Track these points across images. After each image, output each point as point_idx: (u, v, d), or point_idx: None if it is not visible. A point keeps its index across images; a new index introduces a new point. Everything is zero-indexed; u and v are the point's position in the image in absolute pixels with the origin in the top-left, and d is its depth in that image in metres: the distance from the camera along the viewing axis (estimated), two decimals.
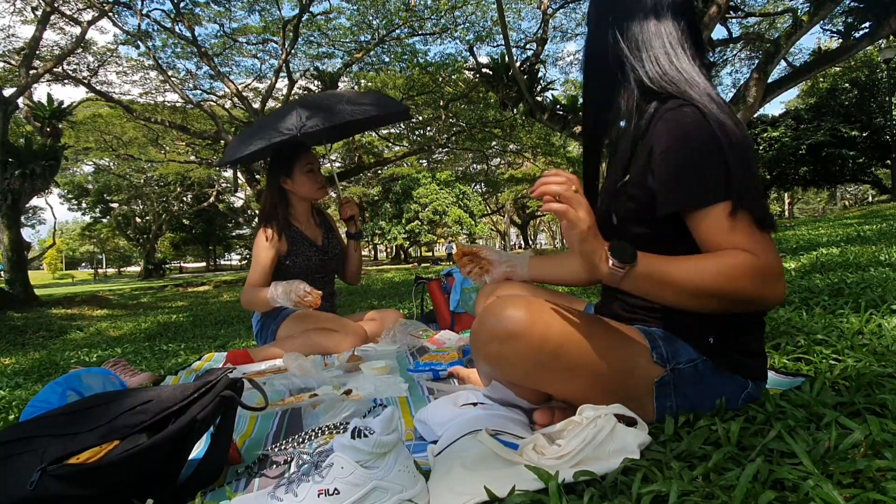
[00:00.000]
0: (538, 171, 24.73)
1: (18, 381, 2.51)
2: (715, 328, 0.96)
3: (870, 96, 15.67)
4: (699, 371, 0.96)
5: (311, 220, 2.42)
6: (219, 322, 4.99)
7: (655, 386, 0.95)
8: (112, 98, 13.31)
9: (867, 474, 0.69)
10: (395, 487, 0.80)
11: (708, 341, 0.97)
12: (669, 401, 0.96)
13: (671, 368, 0.95)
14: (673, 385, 0.96)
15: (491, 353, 0.96)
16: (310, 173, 2.30)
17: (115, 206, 29.08)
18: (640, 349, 0.96)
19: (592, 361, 0.93)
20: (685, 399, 0.96)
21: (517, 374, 0.98)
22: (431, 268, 14.70)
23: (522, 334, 0.91)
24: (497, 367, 1.00)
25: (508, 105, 8.99)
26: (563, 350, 0.92)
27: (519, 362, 0.94)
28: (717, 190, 0.85)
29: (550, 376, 0.95)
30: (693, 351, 0.97)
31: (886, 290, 1.82)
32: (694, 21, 0.99)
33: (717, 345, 0.97)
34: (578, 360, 0.93)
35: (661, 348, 0.97)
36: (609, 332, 0.98)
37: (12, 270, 8.90)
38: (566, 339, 0.92)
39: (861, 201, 31.29)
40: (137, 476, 0.88)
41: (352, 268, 2.53)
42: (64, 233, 50.14)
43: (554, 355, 0.92)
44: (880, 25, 6.84)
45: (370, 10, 12.59)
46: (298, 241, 2.33)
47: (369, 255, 43.67)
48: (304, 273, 2.32)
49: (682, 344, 0.98)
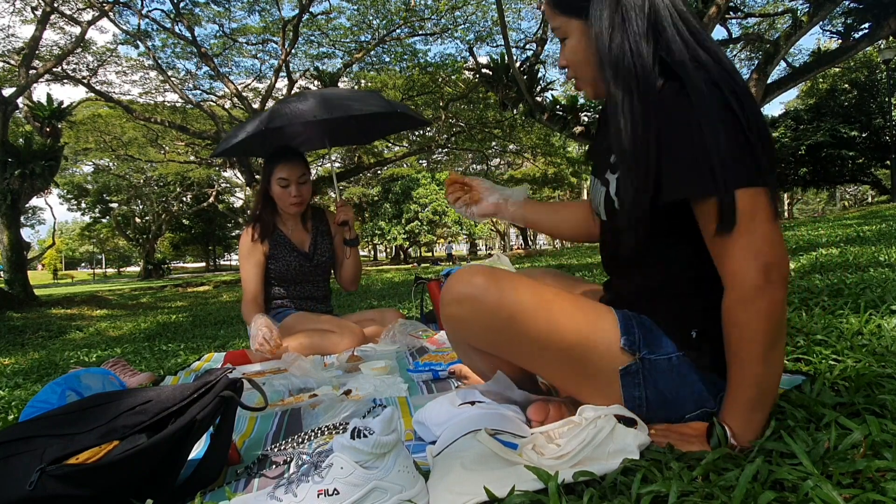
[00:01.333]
0: (538, 172, 24.74)
1: (18, 382, 2.51)
2: (699, 321, 0.93)
3: (869, 97, 15.68)
4: (674, 365, 0.93)
5: (299, 225, 2.37)
6: (218, 322, 4.99)
7: (620, 374, 0.93)
8: (112, 98, 13.32)
9: (867, 475, 0.69)
10: (394, 488, 0.80)
11: (690, 334, 0.93)
12: (638, 391, 0.93)
13: (641, 357, 0.93)
14: (642, 375, 0.93)
15: (450, 315, 1.00)
16: (284, 188, 2.22)
17: (115, 207, 29.08)
18: (607, 332, 0.94)
19: (547, 332, 0.93)
20: (657, 392, 0.93)
21: (473, 336, 1.02)
22: (431, 268, 14.70)
23: (477, 297, 0.95)
24: (455, 328, 1.04)
25: (508, 105, 9.01)
26: (517, 318, 0.93)
27: (474, 325, 0.98)
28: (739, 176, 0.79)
29: (507, 344, 0.98)
30: (672, 344, 0.94)
31: (886, 290, 1.82)
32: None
33: (697, 340, 0.93)
34: (532, 329, 0.93)
35: (635, 335, 0.93)
36: (574, 309, 0.95)
37: (12, 270, 8.90)
38: (521, 308, 0.93)
39: (860, 202, 31.30)
40: (137, 476, 0.88)
41: (347, 274, 2.46)
42: (63, 233, 50.13)
43: (508, 321, 0.94)
44: (880, 26, 6.85)
45: (370, 10, 12.60)
46: (281, 246, 2.30)
47: (369, 255, 43.71)
48: (286, 278, 2.32)
49: (662, 335, 0.95)
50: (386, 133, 2.92)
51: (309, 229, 2.39)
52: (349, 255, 2.43)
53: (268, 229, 2.29)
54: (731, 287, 0.83)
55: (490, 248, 44.76)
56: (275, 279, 2.32)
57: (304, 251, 2.35)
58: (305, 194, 2.28)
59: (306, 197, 2.29)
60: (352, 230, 2.41)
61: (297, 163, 2.25)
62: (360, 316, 2.43)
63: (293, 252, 2.32)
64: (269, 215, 2.32)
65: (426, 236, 27.23)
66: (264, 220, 2.30)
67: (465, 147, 18.15)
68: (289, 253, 2.31)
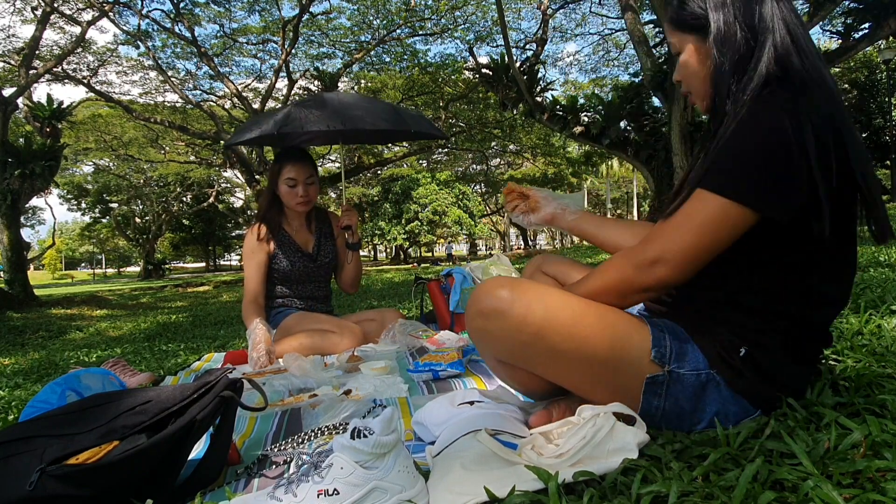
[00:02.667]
0: (538, 172, 24.74)
1: (18, 382, 2.51)
2: (752, 338, 0.90)
3: (869, 97, 15.67)
4: (701, 381, 0.92)
5: (303, 226, 2.39)
6: (218, 322, 5.00)
7: (646, 383, 0.92)
8: (112, 98, 13.32)
9: (867, 475, 0.69)
10: (394, 488, 0.80)
11: (738, 351, 0.91)
12: (658, 401, 0.93)
13: (669, 370, 0.92)
14: (666, 387, 0.92)
15: (476, 329, 0.99)
16: (292, 187, 2.25)
17: (115, 207, 29.07)
18: (638, 344, 0.93)
19: (577, 347, 0.92)
20: (675, 404, 0.93)
21: (501, 350, 1.01)
22: (431, 268, 14.70)
23: (504, 312, 0.93)
24: (482, 342, 1.03)
25: (508, 105, 9.01)
26: (544, 332, 0.92)
27: (502, 339, 0.97)
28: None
29: (534, 357, 0.96)
30: (702, 360, 0.92)
31: (886, 290, 1.82)
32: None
33: (742, 360, 0.90)
34: (561, 343, 0.92)
35: (666, 348, 0.93)
36: (604, 321, 0.94)
37: (12, 270, 8.90)
38: (548, 322, 0.92)
39: None
40: (137, 476, 0.88)
41: (347, 277, 2.47)
42: (63, 233, 50.13)
43: (536, 336, 0.92)
44: (879, 26, 6.84)
45: (370, 10, 12.60)
46: (285, 246, 2.31)
47: (369, 255, 43.68)
48: (289, 278, 2.32)
49: (694, 349, 0.93)
50: (401, 140, 3.03)
51: (313, 231, 2.41)
52: (350, 261, 2.44)
53: (273, 228, 2.30)
54: (637, 245, 0.93)
55: (490, 248, 44.73)
56: (278, 278, 2.32)
57: (307, 252, 2.36)
58: (312, 195, 2.30)
59: (313, 197, 2.31)
60: (355, 234, 2.42)
61: (305, 164, 2.27)
62: (360, 316, 2.43)
63: (297, 252, 2.33)
64: (275, 215, 2.33)
65: (426, 236, 27.20)
66: (270, 219, 2.31)
67: (465, 147, 18.17)
68: (293, 253, 2.32)
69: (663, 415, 0.93)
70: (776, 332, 0.91)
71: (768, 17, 0.90)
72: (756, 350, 0.91)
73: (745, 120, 0.85)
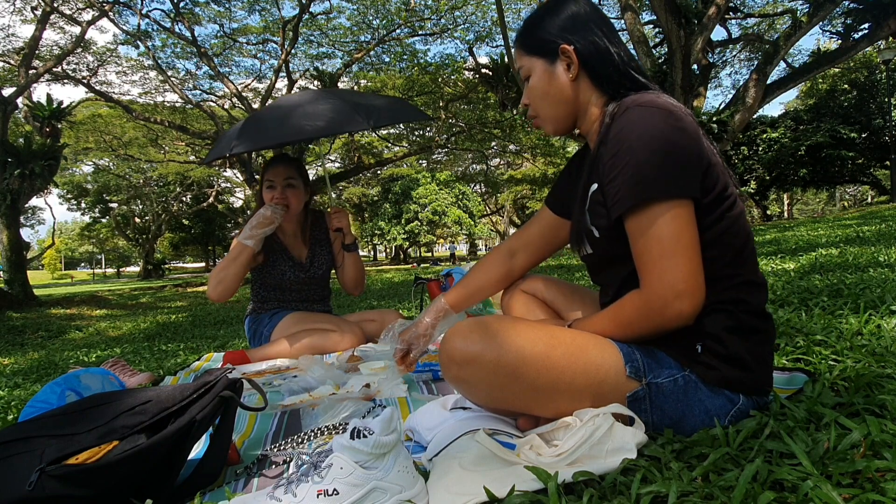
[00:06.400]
0: (538, 172, 24.74)
1: (17, 382, 2.52)
2: (706, 333, 0.92)
3: (869, 97, 15.67)
4: (680, 386, 0.92)
5: (297, 235, 2.31)
6: (218, 322, 5.00)
7: (628, 401, 0.92)
8: (112, 98, 13.32)
9: (866, 475, 0.69)
10: (394, 488, 0.80)
11: (696, 349, 0.93)
12: (644, 416, 0.93)
13: (647, 383, 0.92)
14: (649, 400, 0.93)
15: (453, 377, 0.96)
16: (269, 188, 2.18)
17: (115, 207, 29.06)
18: (612, 363, 0.93)
19: (554, 379, 0.91)
20: (663, 415, 0.93)
21: (480, 396, 0.98)
22: (431, 268, 14.70)
23: (475, 359, 0.91)
24: (460, 389, 1.00)
25: (508, 105, 9.02)
26: (520, 372, 0.90)
27: (479, 385, 0.94)
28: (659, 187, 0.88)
29: (514, 397, 0.94)
30: (674, 364, 0.94)
31: (885, 290, 1.82)
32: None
33: (704, 355, 0.92)
34: (538, 379, 0.91)
35: (638, 361, 0.93)
36: (576, 346, 0.93)
37: (11, 270, 8.90)
38: (522, 361, 0.90)
39: (860, 202, 31.31)
40: (136, 476, 0.88)
41: (348, 279, 2.39)
42: (63, 233, 50.09)
43: (512, 377, 0.91)
44: (879, 26, 6.85)
45: (370, 10, 12.61)
46: (276, 254, 2.25)
47: (368, 255, 43.69)
48: (281, 287, 2.28)
49: (663, 356, 0.95)
50: (388, 122, 2.62)
51: (307, 240, 2.32)
52: (342, 263, 2.35)
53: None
54: (644, 294, 0.94)
55: (490, 248, 44.77)
56: (274, 288, 2.28)
57: (300, 261, 2.29)
58: (292, 197, 2.18)
59: (293, 200, 2.19)
60: (348, 235, 2.34)
61: (284, 165, 2.20)
62: (360, 316, 2.42)
63: (288, 262, 2.26)
64: None
65: (426, 236, 27.22)
66: None
67: (465, 147, 18.16)
68: (284, 262, 2.26)
69: (654, 428, 0.93)
70: (720, 321, 0.92)
71: (603, 39, 1.00)
72: (711, 342, 0.93)
73: (627, 129, 0.90)
